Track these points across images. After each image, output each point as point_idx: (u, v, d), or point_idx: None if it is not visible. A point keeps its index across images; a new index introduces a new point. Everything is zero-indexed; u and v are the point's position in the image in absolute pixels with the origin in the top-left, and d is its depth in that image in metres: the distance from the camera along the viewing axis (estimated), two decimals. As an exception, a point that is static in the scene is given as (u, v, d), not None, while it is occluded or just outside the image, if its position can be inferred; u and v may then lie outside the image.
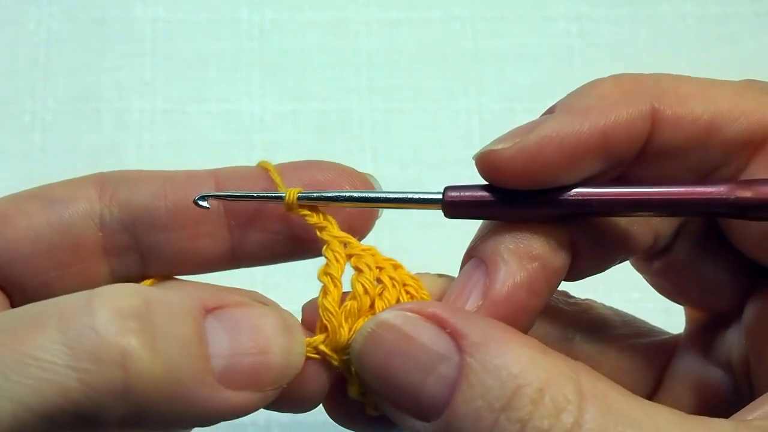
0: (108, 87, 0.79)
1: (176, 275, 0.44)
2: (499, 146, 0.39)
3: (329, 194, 0.42)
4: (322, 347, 0.40)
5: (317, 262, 0.44)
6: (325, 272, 0.42)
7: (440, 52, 0.81)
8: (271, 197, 0.42)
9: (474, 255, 0.41)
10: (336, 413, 0.44)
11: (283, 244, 0.44)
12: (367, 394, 0.40)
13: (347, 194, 0.42)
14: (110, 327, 0.34)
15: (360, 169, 0.54)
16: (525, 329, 0.40)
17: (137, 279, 0.43)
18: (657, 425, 0.33)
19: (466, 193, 0.41)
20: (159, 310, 0.35)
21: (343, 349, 0.40)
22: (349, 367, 0.40)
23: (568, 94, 0.42)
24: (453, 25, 0.82)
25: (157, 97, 0.79)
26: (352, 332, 0.40)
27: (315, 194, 0.42)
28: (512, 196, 0.40)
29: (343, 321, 0.40)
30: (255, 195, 0.42)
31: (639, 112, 0.40)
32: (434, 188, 0.73)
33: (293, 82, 0.80)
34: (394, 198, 0.42)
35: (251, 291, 0.42)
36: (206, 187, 0.43)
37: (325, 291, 0.41)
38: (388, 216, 0.45)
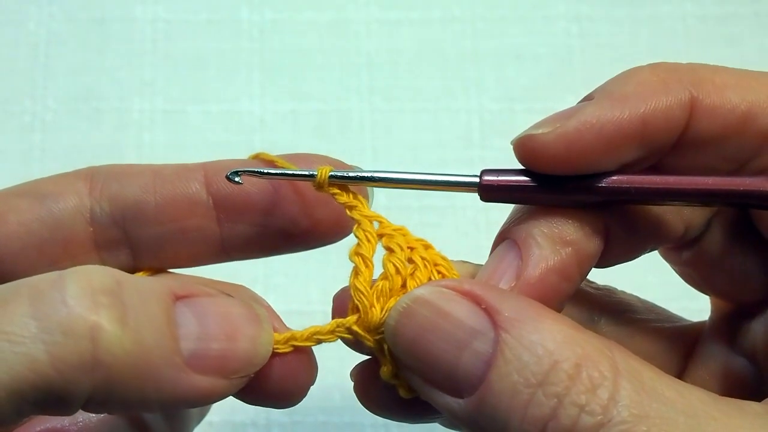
0: (108, 87, 0.79)
1: (167, 269, 0.44)
2: (539, 131, 0.39)
3: (362, 174, 0.42)
4: (355, 327, 0.40)
5: (317, 263, 0.44)
6: (356, 252, 0.41)
7: (440, 52, 0.81)
8: (303, 175, 0.42)
9: (507, 237, 0.41)
10: (367, 398, 0.43)
11: (273, 237, 0.44)
12: (399, 376, 0.40)
13: (381, 175, 0.42)
14: (81, 301, 0.33)
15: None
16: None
17: (129, 273, 0.43)
18: (690, 404, 0.34)
19: (503, 177, 0.41)
20: (130, 290, 0.35)
21: (376, 329, 0.40)
22: (381, 348, 0.40)
23: (606, 81, 0.42)
24: (453, 25, 0.82)
25: (157, 97, 0.79)
26: (384, 312, 0.39)
27: (348, 174, 0.42)
28: (549, 181, 0.40)
29: (375, 301, 0.40)
30: (288, 173, 0.42)
31: (678, 101, 0.40)
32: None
33: (293, 82, 0.80)
34: (430, 180, 0.42)
35: (222, 282, 0.42)
36: (195, 181, 0.43)
37: (356, 271, 0.41)
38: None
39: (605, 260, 0.43)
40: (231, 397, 0.39)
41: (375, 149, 0.77)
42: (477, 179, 0.41)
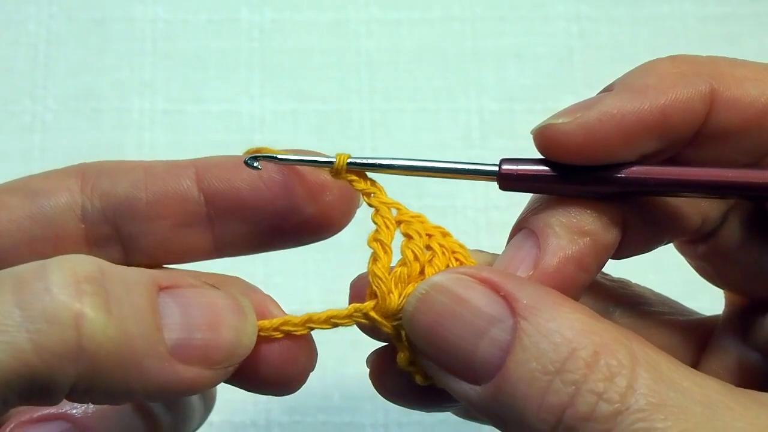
0: (108, 87, 0.79)
1: (159, 266, 0.44)
2: (560, 120, 0.39)
3: (382, 161, 0.42)
4: (372, 313, 0.40)
5: (317, 262, 0.44)
6: (374, 239, 0.41)
7: (440, 52, 0.81)
8: (321, 162, 0.42)
9: (525, 227, 0.42)
10: (382, 386, 0.43)
11: (264, 233, 0.44)
12: (416, 363, 0.40)
13: (400, 162, 0.42)
14: (64, 289, 0.34)
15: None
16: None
17: None
18: (707, 395, 0.34)
19: (522, 167, 0.41)
20: (114, 279, 0.35)
21: (393, 315, 0.40)
22: (399, 334, 0.40)
23: (626, 73, 0.42)
24: (453, 25, 0.82)
25: (157, 97, 0.79)
26: (402, 298, 0.40)
27: (366, 161, 0.42)
28: (568, 171, 0.40)
29: (393, 287, 0.40)
30: (305, 159, 0.42)
31: (698, 93, 0.40)
32: (434, 187, 0.73)
33: (293, 82, 0.80)
34: (449, 168, 0.42)
35: (215, 274, 0.42)
36: (186, 178, 0.43)
37: (375, 257, 0.41)
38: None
39: (622, 251, 0.43)
40: (231, 397, 0.39)
41: (375, 149, 0.77)
42: (496, 168, 0.41)
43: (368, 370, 0.44)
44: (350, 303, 0.42)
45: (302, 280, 0.72)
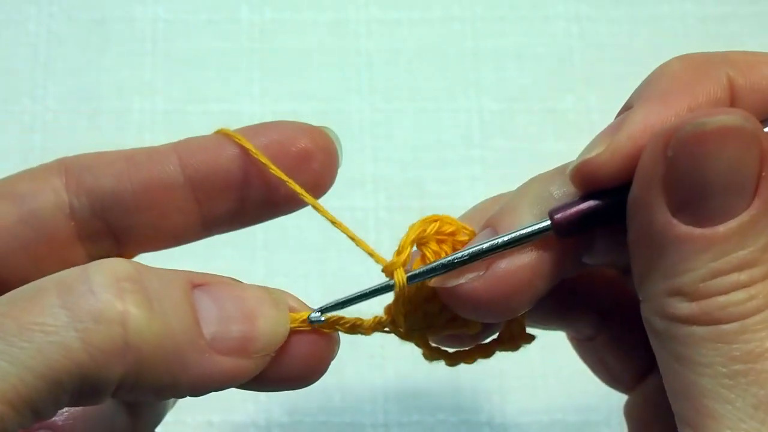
0: (108, 87, 0.79)
1: (151, 251, 0.45)
2: (593, 153, 0.39)
3: (437, 264, 0.41)
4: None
5: (317, 262, 0.44)
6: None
7: (440, 52, 0.81)
8: (382, 290, 0.42)
9: (489, 225, 0.42)
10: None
11: (252, 208, 0.44)
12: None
13: (454, 259, 0.40)
14: (107, 288, 0.35)
15: (360, 170, 0.55)
16: (524, 305, 0.40)
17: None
18: None
19: (571, 210, 0.40)
20: (150, 277, 0.36)
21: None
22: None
23: (639, 87, 0.41)
24: (453, 25, 0.82)
25: (157, 97, 0.79)
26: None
27: (424, 270, 0.41)
28: (612, 195, 0.40)
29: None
30: (368, 293, 0.42)
31: (718, 83, 0.39)
32: (434, 188, 0.73)
33: (293, 82, 0.80)
34: (506, 242, 0.40)
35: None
36: (169, 164, 0.43)
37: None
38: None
39: (596, 258, 0.43)
40: (231, 397, 0.40)
41: (375, 149, 0.77)
42: (549, 222, 0.40)
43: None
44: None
45: (302, 280, 0.72)
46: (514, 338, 0.44)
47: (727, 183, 0.36)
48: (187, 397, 0.39)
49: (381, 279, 0.43)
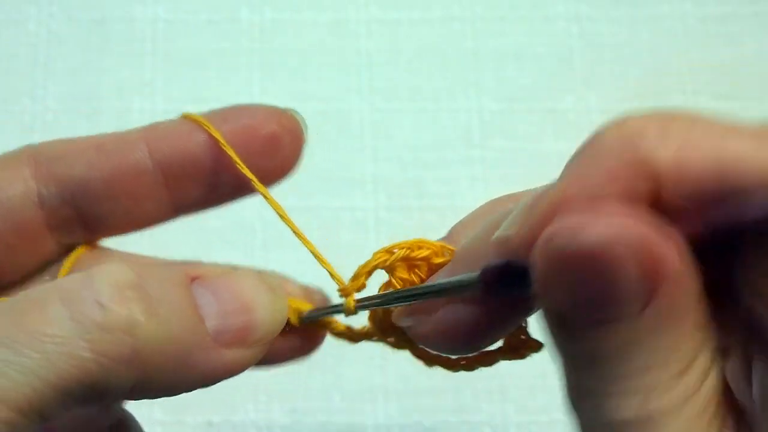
0: (108, 87, 0.79)
1: (123, 235, 0.45)
2: (510, 231, 0.34)
3: (381, 295, 0.42)
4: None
5: (315, 263, 0.44)
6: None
7: (440, 52, 0.81)
8: (335, 310, 0.44)
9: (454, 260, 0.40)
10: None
11: (223, 191, 0.45)
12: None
13: (396, 294, 0.40)
14: (112, 297, 0.35)
15: (360, 170, 0.55)
16: (479, 347, 0.39)
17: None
18: None
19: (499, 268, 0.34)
20: (150, 281, 0.37)
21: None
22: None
23: (572, 155, 0.34)
24: (453, 25, 0.82)
25: (157, 97, 0.79)
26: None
27: (371, 301, 0.42)
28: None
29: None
30: (324, 311, 0.45)
31: (644, 168, 0.30)
32: (434, 188, 0.73)
33: (293, 82, 0.80)
34: (438, 291, 0.37)
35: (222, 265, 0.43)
36: (138, 151, 0.43)
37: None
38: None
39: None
40: (231, 397, 0.40)
41: (375, 149, 0.77)
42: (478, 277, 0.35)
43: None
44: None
45: (301, 280, 0.72)
46: (519, 347, 0.42)
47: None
48: (187, 397, 0.39)
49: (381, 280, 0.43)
